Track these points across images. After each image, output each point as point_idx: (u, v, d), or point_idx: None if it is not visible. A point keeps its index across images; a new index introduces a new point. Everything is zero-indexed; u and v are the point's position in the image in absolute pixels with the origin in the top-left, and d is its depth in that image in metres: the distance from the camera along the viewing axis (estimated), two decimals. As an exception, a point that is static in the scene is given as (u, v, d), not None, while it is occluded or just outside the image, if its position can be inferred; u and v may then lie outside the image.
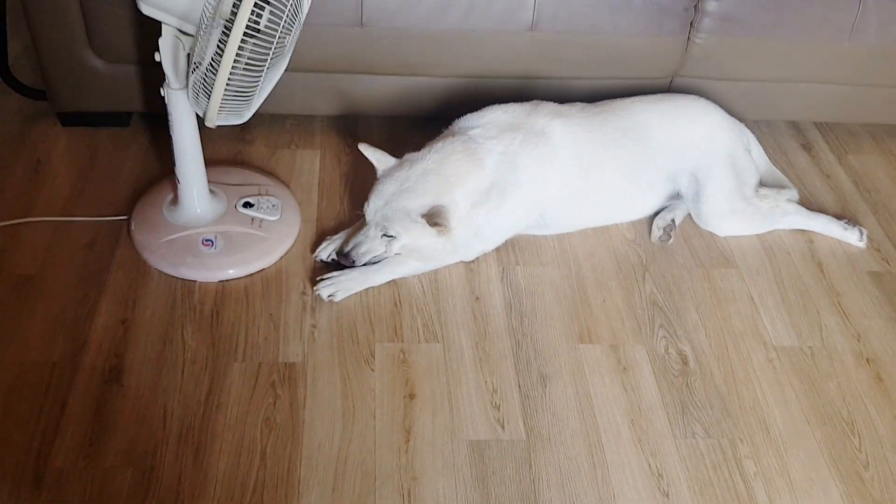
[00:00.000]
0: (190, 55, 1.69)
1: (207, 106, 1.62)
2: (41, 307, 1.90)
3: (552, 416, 1.79)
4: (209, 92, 1.62)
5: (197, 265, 2.00)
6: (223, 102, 1.65)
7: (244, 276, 2.02)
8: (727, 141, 2.25)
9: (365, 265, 2.03)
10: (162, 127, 1.92)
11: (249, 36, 1.56)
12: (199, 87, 1.66)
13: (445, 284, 2.07)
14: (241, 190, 2.16)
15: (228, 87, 1.63)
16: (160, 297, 1.96)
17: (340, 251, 2.04)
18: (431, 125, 2.18)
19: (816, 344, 2.01)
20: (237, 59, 1.59)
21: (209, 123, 1.68)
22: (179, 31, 1.70)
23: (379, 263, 2.04)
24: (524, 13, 2.23)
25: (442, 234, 1.95)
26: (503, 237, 2.15)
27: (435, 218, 1.92)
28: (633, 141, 2.18)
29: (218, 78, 1.55)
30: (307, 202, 2.26)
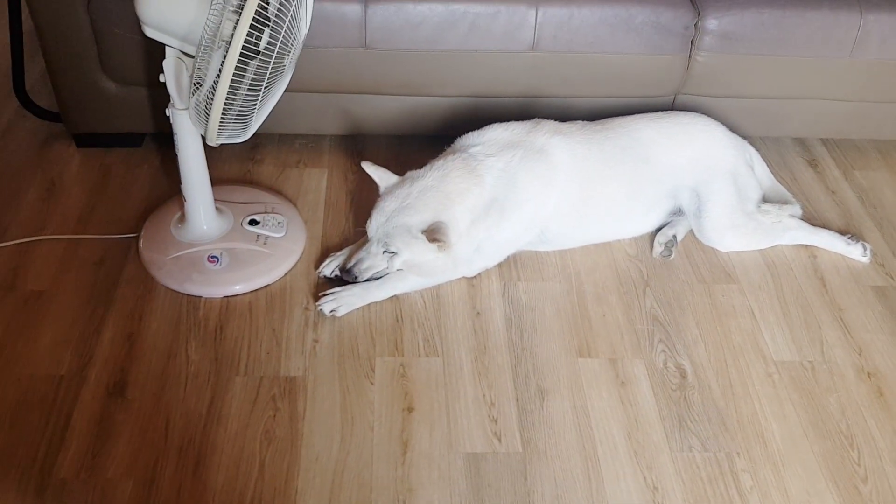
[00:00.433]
0: (192, 76, 1.73)
1: (207, 125, 1.66)
2: (51, 322, 1.95)
3: (549, 429, 1.81)
4: (209, 112, 1.66)
5: (202, 281, 2.04)
6: (225, 122, 1.69)
7: (248, 291, 2.06)
8: (728, 157, 2.26)
9: (367, 281, 2.06)
10: (173, 147, 1.97)
11: (250, 57, 1.60)
12: (201, 107, 1.70)
13: (447, 300, 2.10)
14: (247, 208, 2.21)
15: (231, 106, 1.67)
16: (166, 312, 2.00)
17: (343, 267, 2.07)
18: (437, 143, 2.22)
19: (817, 358, 2.00)
20: (241, 79, 1.63)
21: (210, 142, 1.73)
22: (182, 52, 1.75)
23: (381, 279, 2.07)
24: (525, 33, 2.26)
25: (442, 249, 1.98)
26: (504, 253, 2.18)
27: (435, 234, 1.95)
28: (633, 158, 2.20)
29: (216, 98, 1.60)
30: (313, 220, 2.30)
